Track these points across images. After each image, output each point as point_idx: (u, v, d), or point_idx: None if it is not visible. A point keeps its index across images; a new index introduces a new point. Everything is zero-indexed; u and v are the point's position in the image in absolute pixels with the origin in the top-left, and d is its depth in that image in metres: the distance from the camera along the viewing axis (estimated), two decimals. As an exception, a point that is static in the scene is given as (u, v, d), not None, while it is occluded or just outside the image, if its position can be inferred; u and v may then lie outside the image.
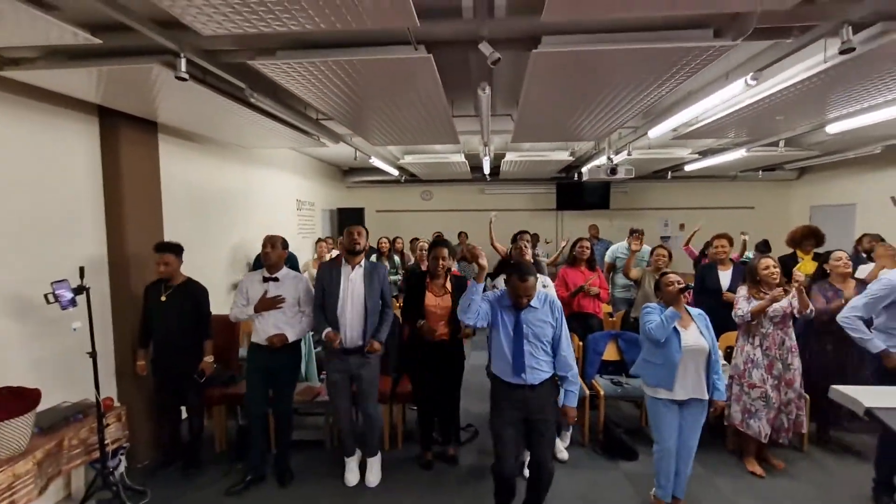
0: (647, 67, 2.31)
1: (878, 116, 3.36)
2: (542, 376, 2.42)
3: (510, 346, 2.40)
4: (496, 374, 2.52)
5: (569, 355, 2.48)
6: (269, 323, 3.05)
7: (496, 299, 2.49)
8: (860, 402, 1.39)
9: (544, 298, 2.47)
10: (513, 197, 9.09)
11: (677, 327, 2.60)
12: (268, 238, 3.10)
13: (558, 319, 2.46)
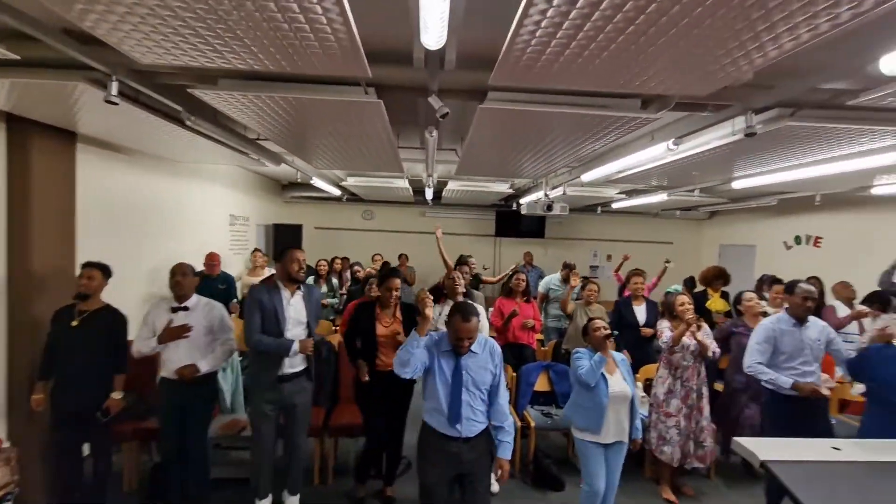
0: (582, 127, 2.50)
1: (774, 178, 3.83)
2: (477, 428, 2.29)
3: (447, 395, 2.23)
4: (429, 423, 2.34)
5: (505, 403, 2.37)
6: (179, 355, 2.86)
7: (434, 343, 2.33)
8: (756, 455, 1.55)
9: (484, 343, 2.35)
10: (453, 221, 9.25)
11: (604, 373, 2.74)
12: (177, 267, 2.93)
13: (498, 365, 2.35)
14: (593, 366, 2.70)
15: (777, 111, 2.31)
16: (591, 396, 2.74)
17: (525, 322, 4.40)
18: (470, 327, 2.20)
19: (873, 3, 1.12)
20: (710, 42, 1.42)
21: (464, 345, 2.22)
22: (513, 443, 2.40)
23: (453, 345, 2.26)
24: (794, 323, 3.10)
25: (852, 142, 2.60)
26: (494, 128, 2.60)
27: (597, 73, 1.75)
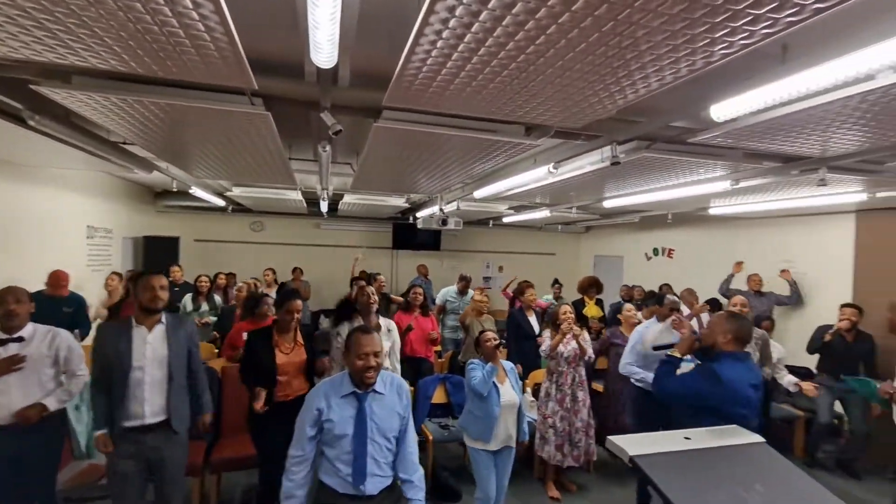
0: (472, 149, 2.62)
1: (636, 199, 4.37)
2: (383, 483, 1.89)
3: (348, 445, 1.83)
4: (326, 483, 1.90)
5: (414, 452, 1.99)
6: (11, 396, 2.37)
7: (327, 390, 1.92)
8: (626, 451, 1.74)
9: (391, 382, 1.98)
10: (350, 234, 9.07)
11: (496, 383, 2.88)
12: (8, 291, 2.44)
13: (406, 406, 1.97)
14: (485, 376, 2.82)
15: (636, 143, 2.65)
16: (483, 406, 2.85)
17: (430, 334, 4.49)
18: (374, 340, 1.88)
19: (720, 55, 1.34)
20: (584, 80, 1.59)
21: (370, 365, 1.84)
22: (424, 501, 1.98)
23: (359, 372, 1.85)
24: (661, 330, 3.58)
25: (693, 172, 3.07)
26: (389, 145, 2.62)
27: (486, 101, 1.86)
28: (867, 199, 3.84)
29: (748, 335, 2.31)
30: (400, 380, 2.05)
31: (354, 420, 1.84)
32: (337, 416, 1.85)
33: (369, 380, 1.86)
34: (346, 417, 1.85)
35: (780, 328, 5.44)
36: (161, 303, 2.37)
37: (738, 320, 2.33)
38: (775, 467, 1.78)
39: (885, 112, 1.84)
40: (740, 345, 2.27)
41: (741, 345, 2.28)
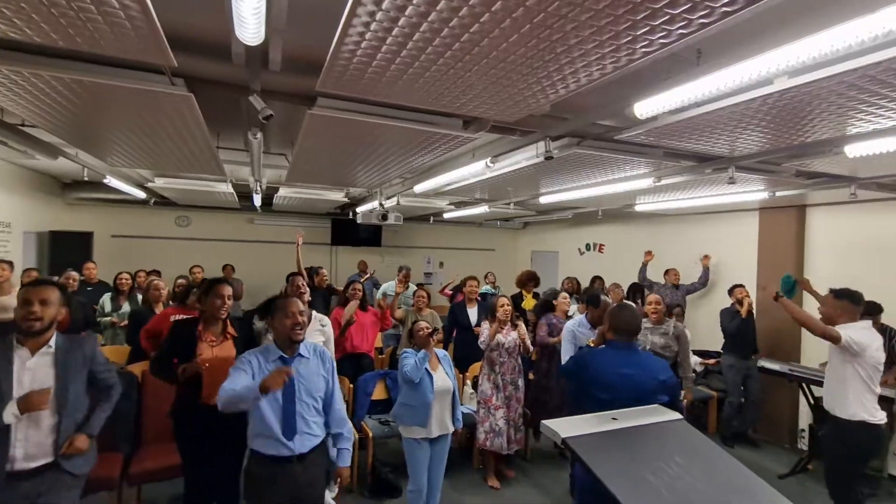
0: (411, 141, 2.61)
1: (569, 195, 4.55)
2: (313, 442, 2.10)
3: (278, 408, 2.02)
4: (256, 449, 2.08)
5: (342, 409, 2.28)
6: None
7: (256, 356, 2.09)
8: (558, 433, 1.80)
9: (313, 349, 2.22)
10: (286, 229, 8.72)
11: (429, 371, 2.91)
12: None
13: (330, 370, 2.24)
14: (417, 362, 2.85)
15: (568, 140, 2.75)
16: (417, 394, 2.88)
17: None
18: (297, 303, 2.12)
19: (642, 53, 1.41)
20: (518, 73, 1.62)
21: (298, 321, 2.05)
22: (351, 449, 2.35)
23: (288, 330, 2.07)
24: (589, 327, 3.74)
25: (619, 169, 3.25)
26: (325, 135, 2.54)
27: (422, 91, 1.85)
28: (768, 198, 4.25)
29: (629, 326, 2.35)
30: (322, 347, 2.29)
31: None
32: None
33: (298, 336, 2.07)
34: None
35: (692, 316, 5.91)
36: (38, 324, 1.91)
37: (621, 313, 2.40)
38: (692, 441, 1.92)
39: (781, 115, 2.04)
40: (622, 335, 2.34)
41: (623, 335, 2.34)
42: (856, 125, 2.12)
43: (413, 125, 2.33)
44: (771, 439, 5.08)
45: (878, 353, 2.85)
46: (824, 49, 1.23)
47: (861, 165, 3.01)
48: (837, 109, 1.96)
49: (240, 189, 6.02)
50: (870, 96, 1.80)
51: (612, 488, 1.54)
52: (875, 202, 4.44)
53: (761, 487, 1.68)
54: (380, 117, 2.20)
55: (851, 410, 2.83)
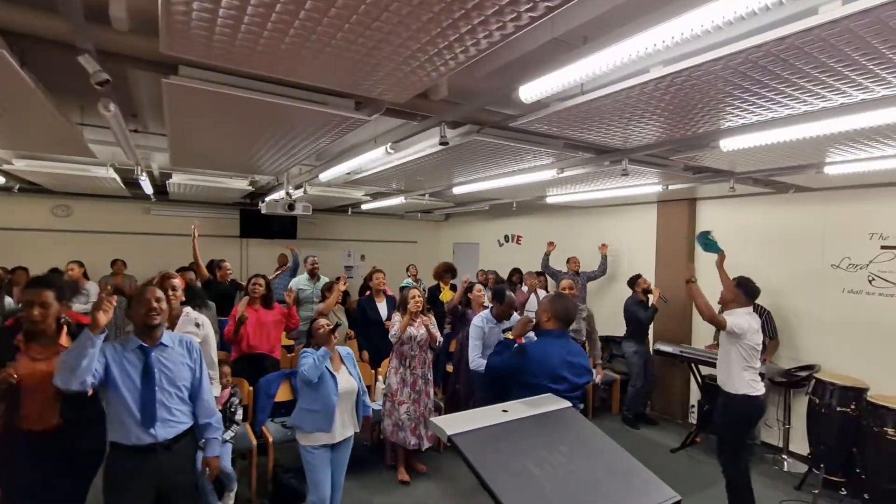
0: (297, 122, 2.39)
1: (481, 186, 4.54)
2: (178, 429, 2.10)
3: (137, 396, 2.00)
4: (116, 441, 2.03)
5: (210, 399, 2.27)
6: None
7: (112, 348, 2.03)
8: (445, 430, 1.72)
9: (178, 339, 2.21)
10: (188, 221, 7.94)
11: (332, 371, 2.72)
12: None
13: (197, 360, 2.22)
14: (316, 361, 2.65)
15: (468, 127, 2.69)
16: (319, 397, 2.68)
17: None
18: (155, 290, 2.09)
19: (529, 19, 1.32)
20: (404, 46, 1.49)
21: (153, 307, 2.03)
22: (220, 439, 2.35)
23: (144, 316, 2.04)
24: (495, 322, 3.71)
25: (522, 159, 3.25)
26: (196, 111, 2.25)
27: (286, 61, 1.66)
28: (663, 191, 4.51)
29: (568, 314, 2.42)
30: (189, 337, 2.29)
31: (141, 371, 2.02)
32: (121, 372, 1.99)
33: (153, 320, 2.04)
34: (131, 371, 2.01)
35: (595, 303, 6.22)
36: None
37: (559, 301, 2.47)
38: (577, 428, 1.94)
39: (666, 107, 2.10)
40: (561, 324, 2.40)
41: (562, 324, 2.40)
42: (728, 119, 2.23)
43: (296, 103, 2.13)
44: (666, 416, 5.47)
45: (756, 336, 3.22)
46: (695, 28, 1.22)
47: (737, 160, 3.25)
48: (712, 103, 2.05)
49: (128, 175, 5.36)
50: (738, 91, 1.89)
51: (491, 485, 1.49)
52: (752, 196, 4.88)
53: (638, 469, 1.71)
54: (252, 91, 1.97)
55: (737, 386, 3.19)
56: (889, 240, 4.08)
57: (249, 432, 3.69)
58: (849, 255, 4.31)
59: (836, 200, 4.38)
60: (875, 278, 4.15)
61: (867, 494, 3.49)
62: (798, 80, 1.71)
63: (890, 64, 1.54)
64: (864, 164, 3.09)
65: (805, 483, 3.90)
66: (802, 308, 4.57)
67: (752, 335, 3.20)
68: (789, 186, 4.30)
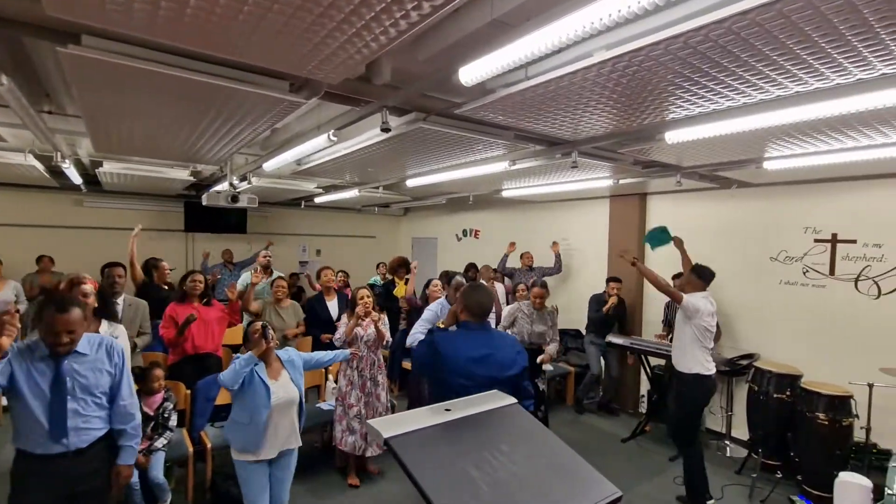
0: (225, 102, 2.21)
1: (435, 178, 4.43)
2: (92, 435, 1.99)
3: (45, 407, 1.87)
4: (22, 448, 1.92)
5: (129, 403, 2.11)
6: None
7: (21, 351, 1.90)
8: (380, 433, 1.61)
9: (99, 343, 2.06)
10: (127, 214, 7.47)
11: (265, 381, 2.46)
12: None
13: (118, 364, 2.08)
14: (237, 367, 2.39)
15: (414, 115, 2.58)
16: (246, 410, 2.42)
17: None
18: (69, 319, 1.88)
19: None
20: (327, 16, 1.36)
21: (62, 341, 1.87)
22: (137, 447, 2.17)
23: (49, 344, 1.89)
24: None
25: (473, 150, 3.17)
26: (109, 87, 2.03)
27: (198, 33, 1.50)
28: (615, 185, 4.56)
29: (482, 307, 2.21)
30: (111, 341, 2.11)
31: (51, 381, 1.88)
32: (28, 380, 1.86)
33: (62, 350, 1.89)
34: (39, 380, 1.87)
35: (552, 297, 6.27)
36: None
37: (473, 293, 2.23)
38: (520, 426, 1.87)
39: (611, 96, 2.06)
40: (474, 317, 2.20)
41: (475, 317, 2.20)
42: (672, 111, 2.23)
43: (223, 82, 1.95)
44: (618, 406, 5.58)
45: (710, 319, 3.37)
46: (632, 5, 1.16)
47: (683, 154, 3.30)
48: (656, 93, 2.03)
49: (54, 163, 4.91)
50: (680, 79, 1.87)
51: (426, 490, 1.40)
52: (698, 191, 5.02)
53: (579, 465, 1.67)
54: (169, 66, 1.78)
55: (689, 364, 3.34)
56: (822, 233, 4.29)
57: (186, 438, 3.46)
58: (786, 249, 4.50)
59: (775, 196, 4.56)
60: (809, 270, 4.35)
61: (800, 476, 3.65)
62: (737, 70, 1.70)
63: (823, 54, 1.55)
64: (800, 160, 3.20)
65: (745, 467, 4.06)
66: (743, 299, 4.75)
67: (707, 317, 3.34)
68: (732, 182, 4.44)
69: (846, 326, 4.10)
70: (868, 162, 3.09)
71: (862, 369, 3.70)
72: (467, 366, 2.10)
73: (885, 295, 3.93)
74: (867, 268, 4.03)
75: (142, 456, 2.96)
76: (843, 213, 4.15)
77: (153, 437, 3.10)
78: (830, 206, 4.23)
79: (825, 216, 4.27)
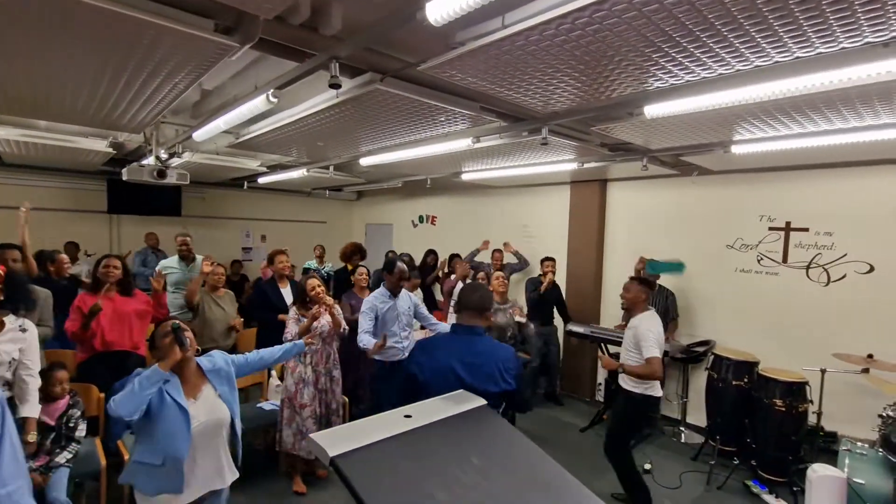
0: (133, 42, 1.78)
1: (389, 157, 4.08)
2: None
3: None
4: None
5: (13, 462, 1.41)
6: None
7: None
8: (326, 451, 1.31)
9: None
10: (37, 191, 6.57)
11: (181, 402, 1.84)
12: None
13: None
14: (136, 387, 1.75)
15: (370, 75, 2.24)
16: (158, 447, 1.80)
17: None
18: None
19: None
20: None
21: None
22: None
23: None
24: (389, 296, 3.52)
25: (436, 122, 2.87)
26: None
27: None
28: (577, 170, 4.40)
29: (474, 303, 2.02)
30: None
31: None
32: None
33: None
34: None
35: (512, 287, 6.12)
36: None
37: (470, 292, 2.07)
38: (492, 432, 1.62)
39: (585, 59, 1.83)
40: (473, 314, 2.02)
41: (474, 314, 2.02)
42: (648, 80, 2.03)
43: (121, 9, 1.53)
44: (575, 395, 5.52)
45: (661, 336, 3.09)
46: None
47: (653, 135, 3.15)
48: (638, 59, 1.81)
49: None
50: (668, 45, 1.66)
51: (383, 526, 1.12)
52: (658, 178, 4.97)
53: (561, 477, 1.44)
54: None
55: (642, 387, 3.09)
56: (776, 221, 4.34)
57: (99, 449, 2.98)
58: (741, 236, 4.53)
59: (734, 184, 4.57)
60: (763, 258, 4.40)
61: (755, 461, 3.68)
62: (712, 28, 1.50)
63: (805, 19, 1.37)
64: (768, 144, 3.14)
65: (701, 453, 4.07)
66: (701, 287, 4.77)
67: (662, 339, 3.11)
68: (694, 168, 4.40)
69: (797, 313, 4.17)
70: (826, 148, 3.08)
71: (813, 355, 3.77)
72: (448, 376, 1.85)
73: (834, 282, 4.02)
74: (818, 255, 4.10)
75: (38, 475, 2.48)
76: (797, 201, 4.21)
77: (53, 452, 2.61)
78: (785, 194, 4.27)
79: (780, 204, 4.31)
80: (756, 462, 3.66)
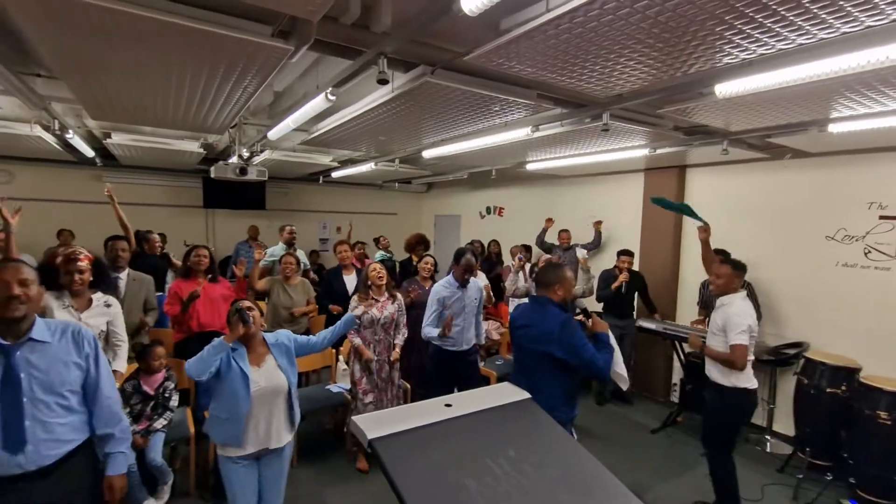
0: (202, 50, 1.95)
1: (452, 148, 4.11)
2: (59, 451, 1.64)
3: None
4: None
5: (113, 402, 1.79)
6: None
7: None
8: (366, 434, 1.38)
9: (61, 330, 1.71)
10: (145, 189, 7.46)
11: (244, 368, 2.12)
12: None
13: (91, 355, 1.73)
14: (205, 354, 2.08)
15: (422, 68, 2.27)
16: (224, 402, 2.11)
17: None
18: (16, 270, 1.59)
19: None
20: None
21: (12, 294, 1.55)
22: (128, 452, 1.85)
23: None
24: (457, 285, 3.50)
25: (491, 112, 2.83)
26: (70, 32, 1.80)
27: None
28: (650, 155, 4.13)
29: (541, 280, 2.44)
30: (79, 326, 1.77)
31: (1, 377, 1.55)
32: None
33: (10, 312, 1.55)
34: None
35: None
36: None
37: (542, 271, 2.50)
38: (533, 427, 1.60)
39: (655, 35, 1.70)
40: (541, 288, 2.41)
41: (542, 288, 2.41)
42: (720, 56, 1.85)
43: (193, 23, 1.68)
44: (647, 394, 5.24)
45: (755, 325, 2.82)
46: None
47: (733, 115, 2.87)
48: (702, 32, 1.66)
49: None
50: (737, 19, 1.50)
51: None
52: (745, 163, 4.53)
53: (600, 476, 1.39)
54: (133, 5, 1.52)
55: (733, 379, 2.82)
56: (888, 209, 3.77)
57: (189, 418, 3.35)
58: (845, 226, 4.00)
59: (835, 167, 4.04)
60: (871, 251, 3.85)
61: (853, 479, 3.27)
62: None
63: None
64: (870, 122, 2.74)
65: (788, 465, 3.69)
66: (791, 282, 4.29)
67: (755, 325, 2.82)
68: (786, 151, 3.95)
69: (914, 315, 3.62)
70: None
71: (932, 363, 3.26)
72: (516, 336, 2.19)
73: (963, 280, 3.43)
74: (942, 248, 3.52)
75: (139, 437, 2.85)
76: (917, 185, 3.63)
77: (152, 418, 2.98)
78: (901, 177, 3.70)
79: (893, 189, 3.74)
80: (855, 480, 3.26)
